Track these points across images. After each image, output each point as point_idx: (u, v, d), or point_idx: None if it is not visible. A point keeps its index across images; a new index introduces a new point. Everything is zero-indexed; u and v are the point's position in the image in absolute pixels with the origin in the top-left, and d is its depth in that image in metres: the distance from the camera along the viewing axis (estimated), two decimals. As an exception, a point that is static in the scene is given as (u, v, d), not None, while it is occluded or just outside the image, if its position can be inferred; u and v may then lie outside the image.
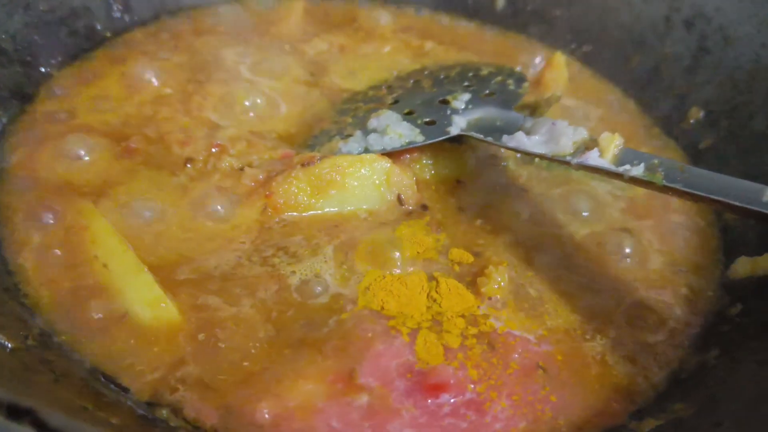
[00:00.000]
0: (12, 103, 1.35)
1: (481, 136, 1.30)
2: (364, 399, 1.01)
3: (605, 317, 1.18)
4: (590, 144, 1.20)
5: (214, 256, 1.17)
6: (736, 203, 1.00)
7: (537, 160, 1.41)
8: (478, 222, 1.29)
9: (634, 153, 1.16)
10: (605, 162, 1.15)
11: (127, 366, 1.02)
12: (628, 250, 1.30)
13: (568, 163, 1.18)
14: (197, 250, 1.18)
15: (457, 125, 1.34)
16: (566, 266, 1.25)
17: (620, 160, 1.15)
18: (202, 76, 1.53)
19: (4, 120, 1.32)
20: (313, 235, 1.22)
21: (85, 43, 1.55)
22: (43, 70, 1.45)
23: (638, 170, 1.10)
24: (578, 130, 1.22)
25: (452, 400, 1.03)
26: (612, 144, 1.17)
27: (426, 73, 1.59)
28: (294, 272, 1.16)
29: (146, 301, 1.07)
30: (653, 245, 1.31)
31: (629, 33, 1.70)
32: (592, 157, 1.16)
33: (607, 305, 1.20)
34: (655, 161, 1.11)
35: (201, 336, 1.06)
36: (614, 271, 1.26)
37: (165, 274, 1.13)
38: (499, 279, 1.17)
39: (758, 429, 0.85)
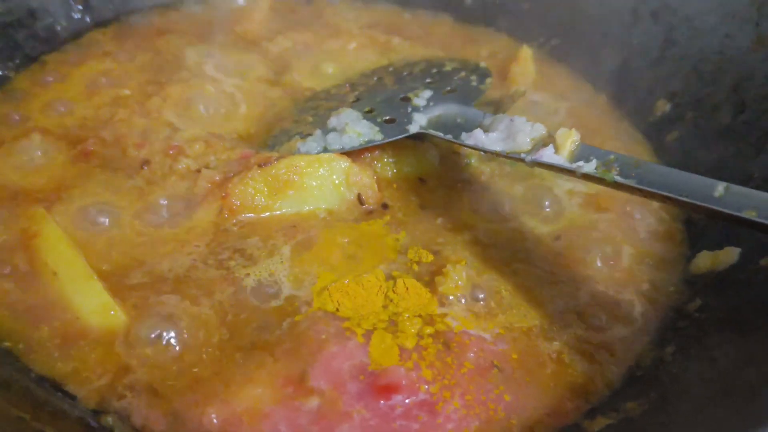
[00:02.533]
0: (-34, 107, 1.33)
1: (440, 134, 1.29)
2: (314, 402, 1.00)
3: (564, 315, 1.16)
4: (548, 140, 1.19)
5: (168, 260, 1.16)
6: (687, 200, 0.99)
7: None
8: (439, 220, 1.28)
9: (590, 149, 1.15)
10: (559, 159, 1.14)
11: (73, 372, 1.01)
12: (590, 246, 1.28)
13: (522, 161, 1.17)
14: (151, 254, 1.17)
15: (417, 123, 1.32)
16: (525, 262, 1.24)
17: (576, 157, 1.14)
18: (162, 76, 1.52)
19: (-42, 124, 1.31)
20: (270, 236, 1.21)
21: (44, 46, 1.54)
22: (0, 72, 1.43)
23: (590, 167, 1.09)
24: (536, 127, 1.21)
25: (405, 401, 1.02)
26: (569, 140, 1.16)
27: (390, 69, 1.58)
28: (249, 274, 1.15)
29: (94, 308, 1.06)
30: (616, 240, 1.30)
31: (597, 26, 1.69)
32: (547, 154, 1.15)
33: (566, 302, 1.18)
34: (611, 157, 1.10)
35: (150, 341, 1.05)
36: (575, 267, 1.24)
37: (117, 279, 1.12)
38: (456, 278, 1.15)
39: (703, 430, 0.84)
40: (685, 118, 1.46)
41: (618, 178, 1.06)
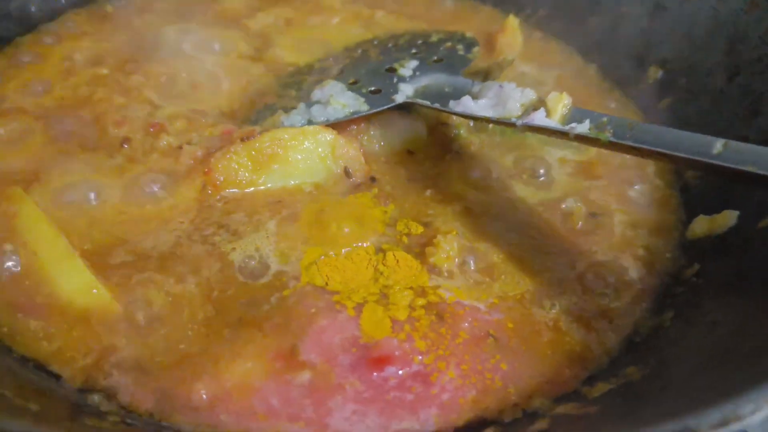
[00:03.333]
0: (-58, 90, 1.29)
1: (427, 103, 1.26)
2: (305, 376, 0.98)
3: (559, 283, 1.14)
4: (539, 105, 1.16)
5: (151, 237, 1.13)
6: (686, 155, 0.96)
7: (491, 126, 1.36)
8: (428, 192, 1.25)
9: (582, 112, 1.12)
10: (551, 121, 1.11)
11: (56, 352, 0.98)
12: (583, 214, 1.25)
13: (513, 125, 1.14)
14: (134, 232, 1.14)
15: (404, 93, 1.30)
16: (518, 232, 1.21)
17: (568, 120, 1.12)
18: (141, 55, 1.48)
19: (-68, 108, 1.27)
20: (255, 212, 1.18)
21: (18, 27, 1.50)
22: (-27, 56, 1.39)
23: (583, 127, 1.06)
24: (526, 92, 1.18)
25: (399, 373, 0.99)
26: (560, 104, 1.13)
27: (375, 43, 1.54)
28: (234, 249, 1.12)
29: (77, 287, 1.03)
30: (610, 207, 1.27)
31: (585, -7, 1.65)
32: (538, 118, 1.12)
33: (561, 270, 1.16)
34: (604, 119, 1.07)
35: (136, 319, 1.02)
36: (569, 235, 1.22)
37: (99, 258, 1.09)
38: (447, 248, 1.13)
39: (700, 394, 0.81)
40: (678, 84, 1.44)
41: (613, 138, 1.03)
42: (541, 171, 1.33)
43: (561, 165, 1.34)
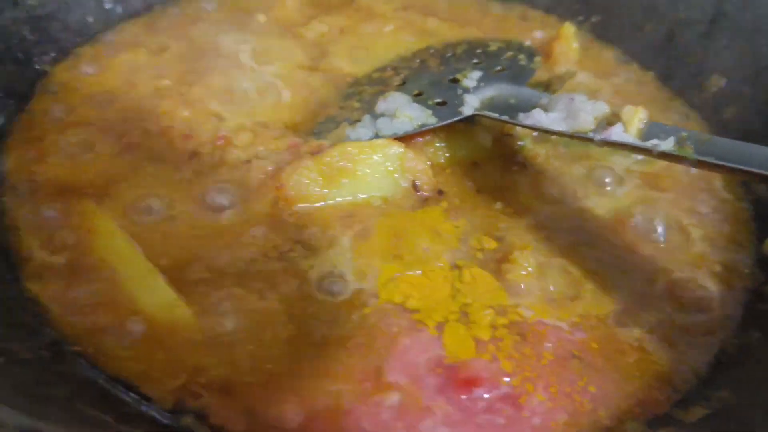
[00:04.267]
0: (7, 103, 1.29)
1: (495, 116, 1.25)
2: (394, 398, 0.96)
3: (638, 300, 1.12)
4: (612, 119, 1.15)
5: (226, 253, 1.12)
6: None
7: (554, 137, 1.35)
8: (498, 205, 1.24)
9: (659, 126, 1.11)
10: (631, 137, 1.09)
11: (144, 374, 0.97)
12: (655, 227, 1.24)
13: (590, 140, 1.13)
14: (208, 248, 1.12)
15: (470, 105, 1.28)
16: (592, 246, 1.19)
17: (645, 135, 1.10)
18: (200, 65, 1.46)
19: (1, 121, 1.26)
20: (328, 227, 1.17)
21: (77, 38, 1.49)
22: (37, 67, 1.39)
23: (668, 144, 1.05)
24: (598, 105, 1.17)
25: (486, 395, 0.98)
26: (636, 117, 1.12)
27: (431, 51, 1.53)
28: (312, 266, 1.11)
29: (159, 304, 1.02)
30: (681, 221, 1.26)
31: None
32: (616, 133, 1.10)
33: (638, 287, 1.14)
34: (683, 134, 1.06)
35: (220, 338, 1.01)
36: (642, 250, 1.20)
37: (176, 275, 1.08)
38: (525, 264, 1.12)
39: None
40: (742, 94, 1.42)
41: (699, 156, 1.01)
42: (609, 182, 1.31)
43: (628, 176, 1.33)
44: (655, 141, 1.06)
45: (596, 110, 1.16)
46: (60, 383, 0.88)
